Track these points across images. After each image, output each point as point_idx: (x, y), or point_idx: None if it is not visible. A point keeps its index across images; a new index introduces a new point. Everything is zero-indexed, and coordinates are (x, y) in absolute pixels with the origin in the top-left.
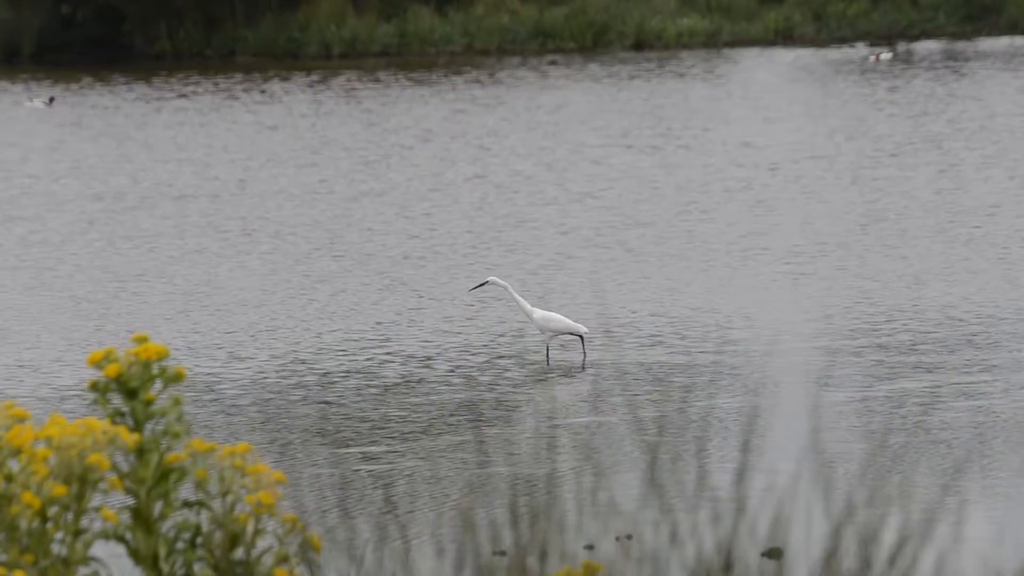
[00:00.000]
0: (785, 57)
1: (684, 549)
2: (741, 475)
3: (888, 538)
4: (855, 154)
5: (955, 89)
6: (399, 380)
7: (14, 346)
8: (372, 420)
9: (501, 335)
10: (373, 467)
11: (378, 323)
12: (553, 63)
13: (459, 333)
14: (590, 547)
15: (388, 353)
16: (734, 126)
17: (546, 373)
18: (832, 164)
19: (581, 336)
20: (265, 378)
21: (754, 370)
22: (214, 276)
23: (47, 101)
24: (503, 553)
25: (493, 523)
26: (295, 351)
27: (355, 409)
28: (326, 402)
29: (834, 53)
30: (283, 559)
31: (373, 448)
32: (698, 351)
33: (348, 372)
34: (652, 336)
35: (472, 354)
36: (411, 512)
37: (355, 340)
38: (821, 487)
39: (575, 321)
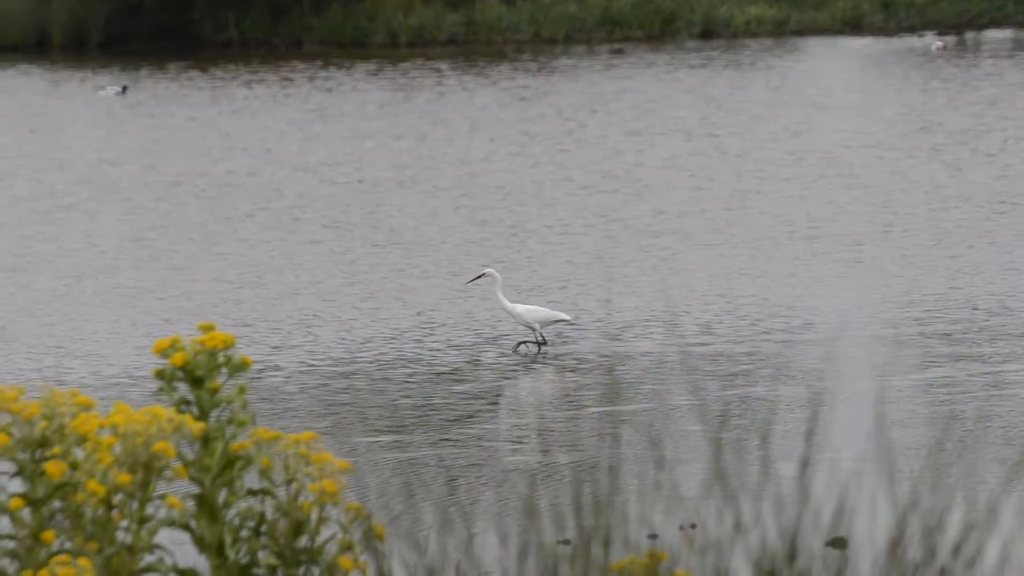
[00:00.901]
0: (852, 46)
1: (748, 538)
2: (805, 464)
3: (953, 527)
4: (915, 143)
5: (1018, 79)
6: (450, 368)
7: (62, 333)
8: (427, 407)
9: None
10: (432, 454)
11: (431, 310)
12: (619, 51)
13: (513, 320)
14: (654, 536)
15: (438, 340)
16: (797, 115)
17: (604, 361)
18: (891, 153)
19: (534, 329)
20: (314, 366)
21: (814, 358)
22: (265, 264)
23: (120, 90)
24: (567, 542)
25: (556, 511)
26: (344, 339)
27: (410, 396)
28: (378, 390)
29: (902, 42)
30: (347, 547)
31: (430, 435)
32: (756, 338)
33: (399, 360)
34: (708, 324)
35: (524, 342)
36: (474, 500)
37: (405, 328)
38: (885, 476)
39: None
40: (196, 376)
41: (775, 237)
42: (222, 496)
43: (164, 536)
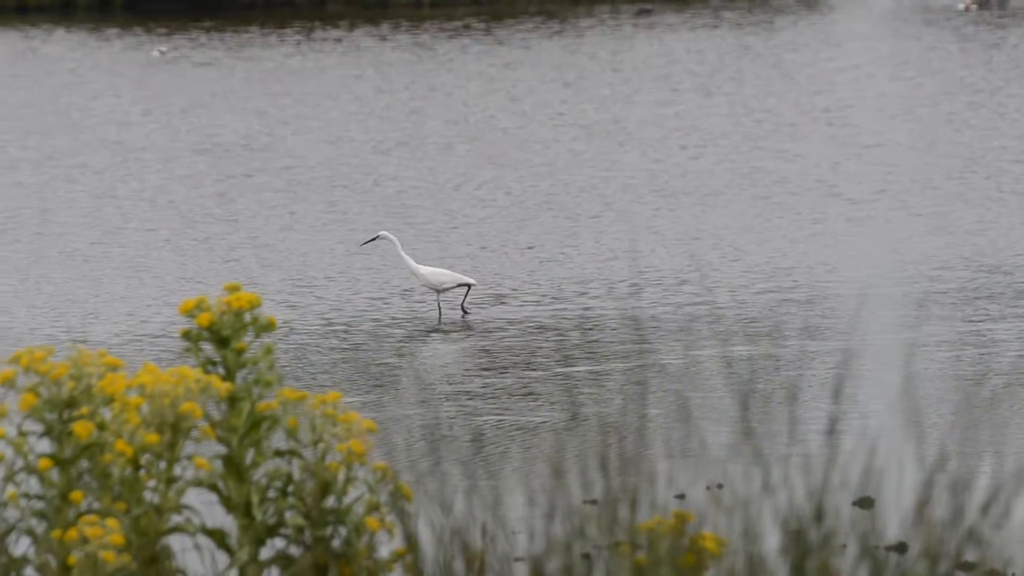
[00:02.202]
0: (878, 4)
1: (775, 498)
2: (832, 423)
3: (981, 487)
4: (933, 103)
5: None
6: (464, 325)
7: (83, 295)
8: (453, 365)
9: (582, 280)
10: (461, 413)
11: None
12: (645, 12)
13: (536, 281)
14: (681, 496)
15: (459, 301)
16: (817, 73)
17: (623, 319)
18: (909, 113)
19: (469, 287)
20: (323, 325)
21: (842, 316)
22: (271, 224)
23: (163, 51)
24: (594, 502)
25: (584, 471)
26: (359, 302)
27: (434, 355)
28: (392, 348)
29: (927, 1)
30: (374, 507)
31: (458, 392)
32: (782, 297)
33: (416, 318)
34: (721, 282)
35: (555, 299)
36: (499, 459)
37: (409, 287)
38: (913, 435)
39: (462, 273)
40: (222, 336)
41: (787, 195)
42: (249, 457)
43: (192, 496)
